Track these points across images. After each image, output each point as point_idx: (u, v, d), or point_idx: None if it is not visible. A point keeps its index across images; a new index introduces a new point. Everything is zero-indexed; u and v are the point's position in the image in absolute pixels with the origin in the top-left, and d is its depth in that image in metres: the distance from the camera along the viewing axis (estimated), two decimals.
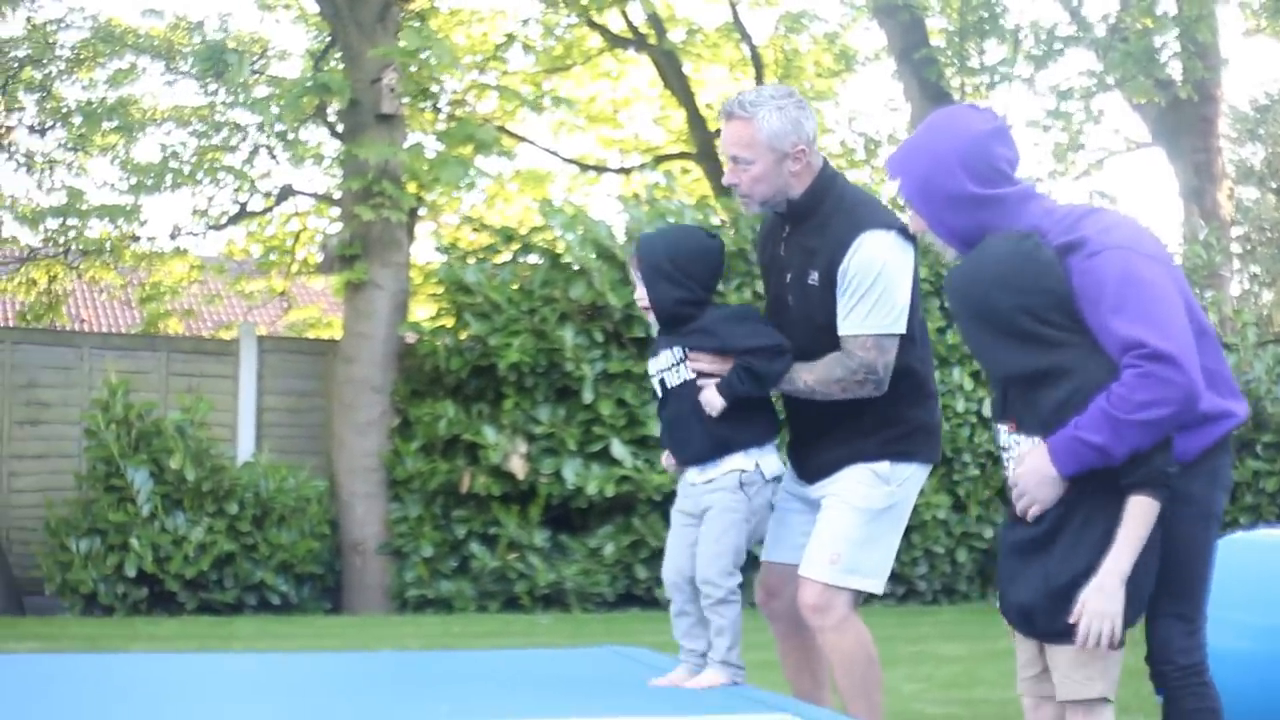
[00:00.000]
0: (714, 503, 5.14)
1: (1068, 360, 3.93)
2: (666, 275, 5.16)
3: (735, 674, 5.13)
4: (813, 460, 5.18)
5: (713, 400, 5.07)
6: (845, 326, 4.96)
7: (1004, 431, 4.10)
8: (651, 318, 5.27)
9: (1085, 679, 3.99)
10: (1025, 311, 3.95)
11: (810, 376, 5.02)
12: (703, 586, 5.11)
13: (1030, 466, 3.95)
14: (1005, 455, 4.14)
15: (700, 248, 5.25)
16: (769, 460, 5.18)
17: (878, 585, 5.09)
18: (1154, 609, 4.11)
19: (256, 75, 14.70)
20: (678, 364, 5.18)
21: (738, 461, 5.13)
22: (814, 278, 5.02)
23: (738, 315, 5.28)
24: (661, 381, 5.27)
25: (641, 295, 5.24)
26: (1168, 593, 4.07)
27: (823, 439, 5.13)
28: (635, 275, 5.28)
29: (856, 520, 5.01)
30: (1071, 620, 3.90)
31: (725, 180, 5.17)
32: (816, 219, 5.07)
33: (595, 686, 5.47)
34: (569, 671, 5.99)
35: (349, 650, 9.21)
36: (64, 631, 11.11)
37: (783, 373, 5.08)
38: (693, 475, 5.23)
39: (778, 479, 5.22)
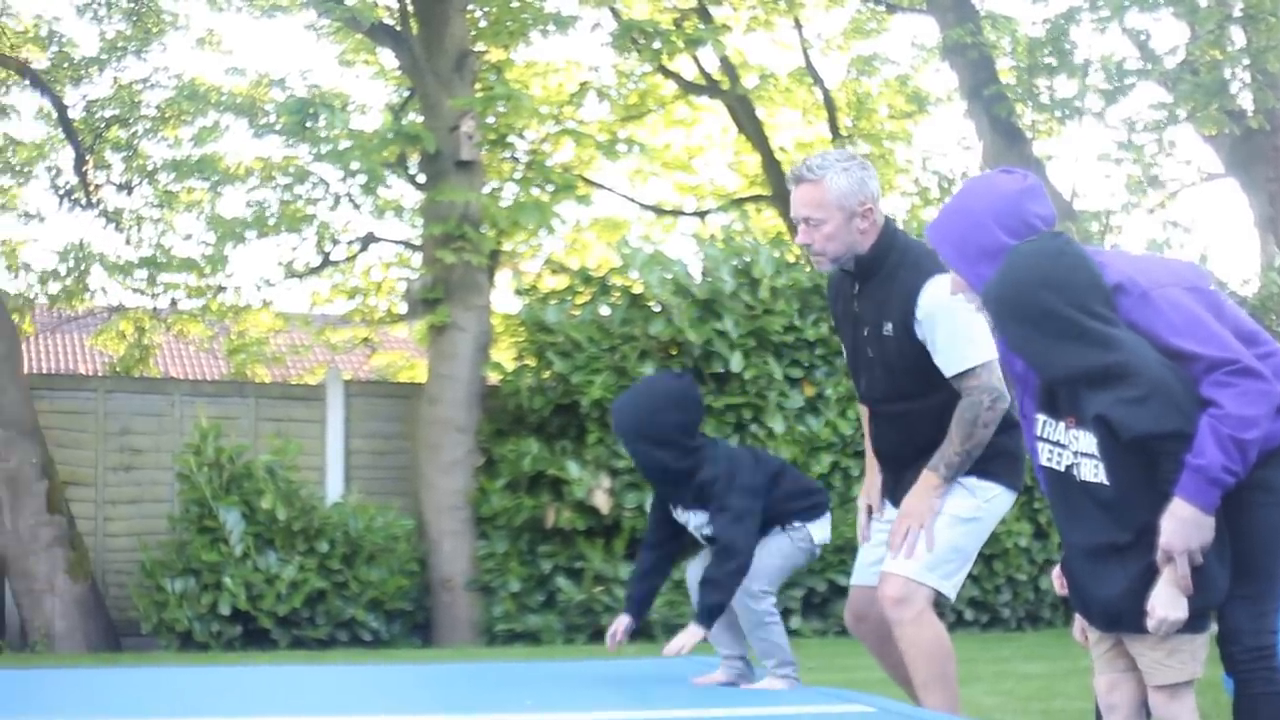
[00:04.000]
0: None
1: (1123, 357, 3.97)
2: (650, 439, 5.44)
3: (791, 683, 5.44)
4: (905, 488, 5.34)
5: (684, 647, 5.45)
6: (949, 369, 5.16)
7: (1061, 427, 4.16)
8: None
9: (1178, 664, 4.08)
10: (1073, 306, 4.00)
11: (953, 448, 5.17)
12: (744, 596, 5.43)
13: (1174, 524, 3.95)
14: (1052, 448, 4.21)
15: (670, 394, 5.54)
16: (818, 528, 5.59)
17: (952, 590, 5.26)
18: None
19: (339, 131, 14.95)
20: (706, 523, 5.54)
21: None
22: (888, 328, 5.25)
23: (738, 485, 5.49)
24: (704, 534, 5.61)
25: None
26: (1239, 576, 4.12)
27: (914, 468, 5.31)
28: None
29: (943, 524, 5.18)
30: (1151, 630, 4.01)
31: (798, 240, 5.37)
32: (884, 272, 5.29)
33: (680, 686, 5.70)
34: (655, 673, 6.19)
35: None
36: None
37: (735, 581, 5.37)
38: None
39: (822, 543, 5.59)
